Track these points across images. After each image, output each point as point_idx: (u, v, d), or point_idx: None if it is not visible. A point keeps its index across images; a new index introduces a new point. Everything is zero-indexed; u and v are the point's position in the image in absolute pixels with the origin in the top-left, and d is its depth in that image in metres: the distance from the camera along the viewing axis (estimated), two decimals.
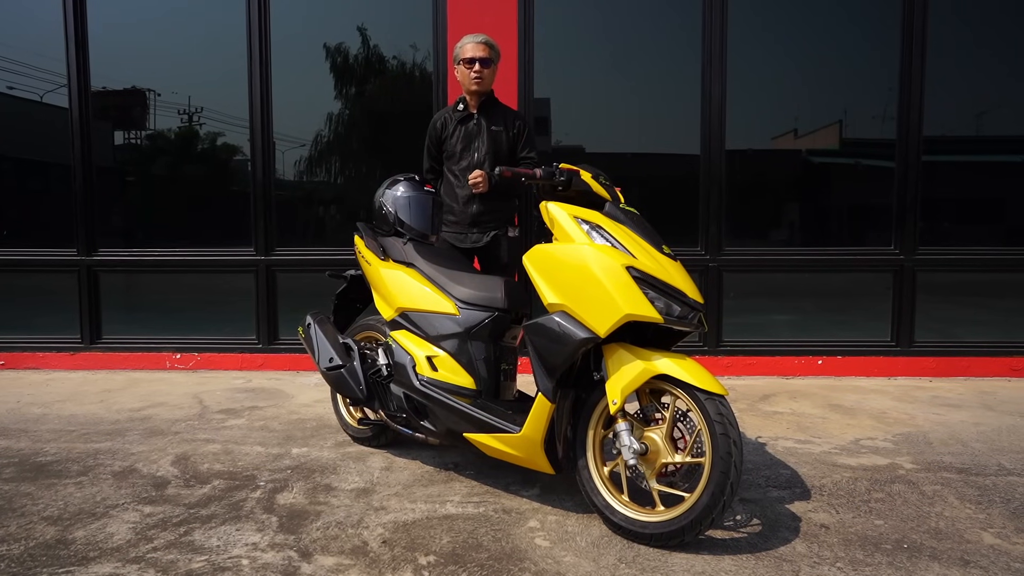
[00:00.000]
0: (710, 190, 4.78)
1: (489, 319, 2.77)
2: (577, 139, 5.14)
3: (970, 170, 5.14)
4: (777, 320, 4.95)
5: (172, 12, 5.09)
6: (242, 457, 3.11)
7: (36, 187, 5.36)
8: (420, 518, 2.48)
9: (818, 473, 2.91)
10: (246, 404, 4.04)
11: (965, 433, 3.45)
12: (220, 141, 5.24)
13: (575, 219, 2.39)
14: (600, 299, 2.25)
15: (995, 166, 5.16)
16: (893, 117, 4.76)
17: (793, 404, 4.03)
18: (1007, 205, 5.03)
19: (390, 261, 3.07)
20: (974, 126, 4.97)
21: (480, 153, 3.45)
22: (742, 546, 2.26)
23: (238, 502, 2.61)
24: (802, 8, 5.01)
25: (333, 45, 5.03)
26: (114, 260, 5.09)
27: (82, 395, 4.28)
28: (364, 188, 5.13)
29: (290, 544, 2.27)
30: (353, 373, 3.00)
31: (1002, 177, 5.09)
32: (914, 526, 2.40)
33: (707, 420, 2.16)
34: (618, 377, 2.26)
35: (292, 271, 5.01)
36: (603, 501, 2.36)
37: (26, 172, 5.39)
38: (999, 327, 4.83)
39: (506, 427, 2.50)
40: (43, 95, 5.13)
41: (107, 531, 2.37)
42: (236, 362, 4.97)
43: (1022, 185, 4.97)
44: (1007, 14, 4.85)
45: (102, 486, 2.77)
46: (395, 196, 3.20)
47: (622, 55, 4.97)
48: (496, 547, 2.25)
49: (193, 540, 2.30)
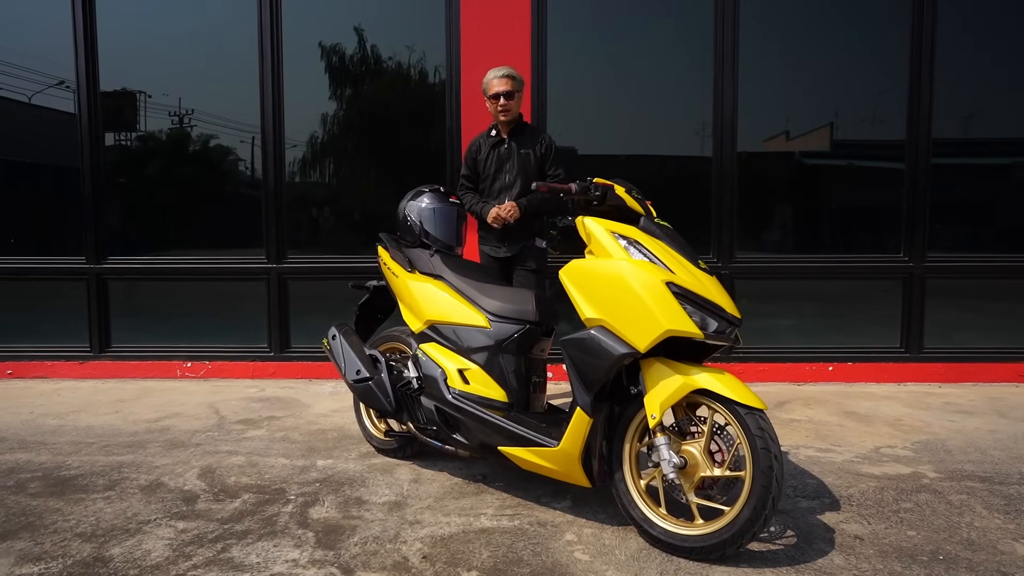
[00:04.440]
0: (723, 196, 4.82)
1: (520, 332, 2.78)
2: (580, 142, 5.11)
3: (975, 174, 5.19)
4: (786, 326, 4.98)
5: (183, 18, 5.06)
6: (268, 470, 3.10)
7: (45, 194, 5.31)
8: (457, 532, 2.48)
9: (843, 483, 2.94)
10: (263, 414, 4.02)
11: (982, 441, 3.49)
12: (230, 147, 5.22)
13: (612, 234, 2.40)
14: (640, 314, 2.26)
15: (994, 168, 5.22)
16: (903, 120, 4.79)
17: (808, 411, 4.07)
18: (1011, 209, 5.09)
19: (417, 273, 3.07)
20: (980, 129, 5.01)
21: (511, 175, 3.59)
22: (780, 559, 2.28)
23: (271, 517, 2.60)
24: (811, 9, 5.02)
25: (343, 48, 5.01)
26: (123, 268, 5.05)
27: (96, 405, 4.25)
28: (377, 195, 5.14)
29: (330, 560, 2.27)
30: (381, 385, 3.00)
31: (999, 179, 5.15)
32: (946, 537, 2.43)
33: (748, 434, 2.18)
34: (657, 391, 2.28)
35: (304, 279, 5.00)
36: (641, 514, 2.38)
37: (35, 178, 5.35)
38: (1003, 332, 4.89)
39: (543, 440, 2.51)
40: (31, 95, 5.09)
41: (144, 548, 2.35)
42: (248, 370, 4.95)
43: (1007, 189, 5.06)
44: (1012, 15, 4.89)
45: (131, 501, 2.75)
46: (420, 207, 3.21)
47: (631, 58, 4.97)
48: (537, 562, 2.26)
49: (232, 557, 2.29)
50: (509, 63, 3.75)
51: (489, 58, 4.21)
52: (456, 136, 4.83)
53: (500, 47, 4.65)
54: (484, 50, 4.65)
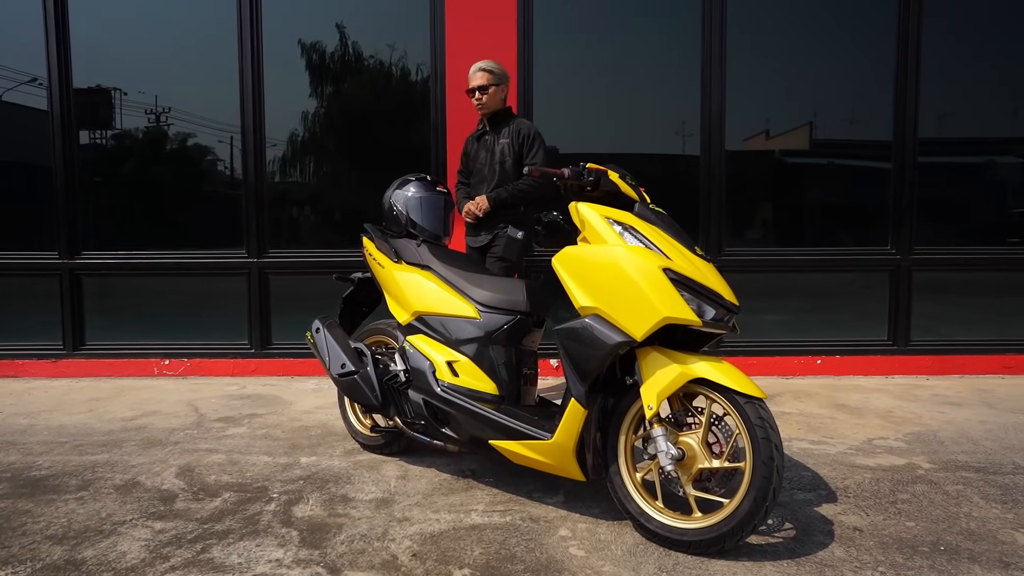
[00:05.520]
0: (711, 190, 4.78)
1: (510, 322, 2.70)
2: (567, 141, 5.06)
3: (961, 171, 5.22)
4: (774, 320, 4.96)
5: (158, 11, 4.91)
6: (249, 468, 3.00)
7: (18, 192, 5.10)
8: (447, 529, 2.40)
9: (839, 475, 2.89)
10: (244, 411, 3.91)
11: (973, 432, 3.48)
12: (209, 146, 5.08)
13: (607, 220, 2.33)
14: (636, 302, 2.20)
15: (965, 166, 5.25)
16: (889, 118, 4.80)
17: (799, 404, 4.03)
18: (990, 204, 5.13)
19: (403, 263, 2.98)
20: (967, 127, 5.04)
21: (489, 167, 3.62)
22: (780, 552, 2.22)
23: (253, 516, 2.50)
24: (797, 10, 5.02)
25: (322, 44, 4.91)
26: (98, 263, 4.90)
27: (69, 404, 4.10)
28: (360, 191, 5.03)
29: (316, 560, 2.17)
30: (367, 379, 2.90)
31: (982, 176, 5.19)
32: (946, 527, 2.39)
33: (747, 424, 2.12)
34: (654, 381, 2.21)
35: (286, 273, 4.88)
36: (637, 508, 2.31)
37: (7, 176, 5.14)
38: (988, 325, 4.90)
39: (535, 433, 2.44)
40: (1, 92, 4.93)
41: (119, 549, 2.24)
42: (228, 368, 4.82)
43: (989, 185, 5.11)
44: (998, 16, 4.92)
45: (106, 501, 2.64)
46: (406, 197, 3.12)
47: (618, 57, 4.93)
48: (531, 558, 2.18)
49: (212, 558, 2.19)
50: (495, 57, 3.70)
51: (475, 52, 4.11)
52: (441, 130, 4.74)
53: (486, 41, 4.57)
54: (470, 43, 4.56)
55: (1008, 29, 4.93)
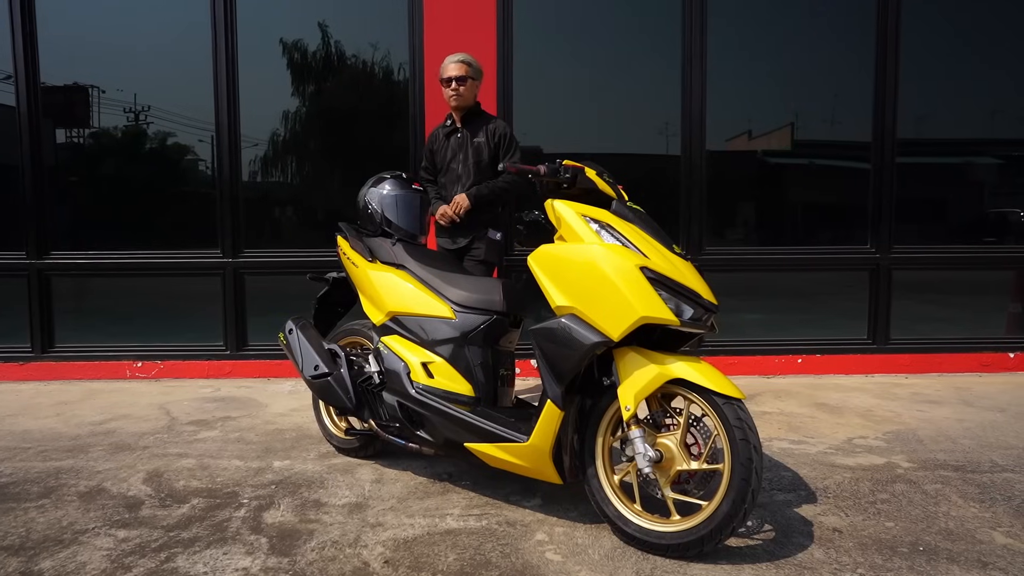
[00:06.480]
0: (691, 190, 4.76)
1: (487, 323, 2.65)
2: (547, 141, 5.01)
3: (940, 171, 5.25)
4: (754, 319, 4.95)
5: (135, 6, 4.80)
6: (220, 472, 2.92)
7: None
8: (421, 534, 2.34)
9: (819, 475, 2.87)
10: (217, 414, 3.82)
11: (952, 430, 3.48)
12: (186, 145, 4.97)
13: (584, 218, 2.29)
14: (613, 301, 2.15)
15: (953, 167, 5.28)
16: (869, 119, 4.81)
17: (780, 403, 4.02)
18: (967, 204, 5.17)
19: (378, 263, 2.92)
20: (945, 128, 5.07)
21: (464, 165, 3.52)
22: (759, 554, 2.19)
23: (222, 522, 2.43)
24: (780, 11, 5.01)
25: (300, 42, 4.82)
26: (68, 264, 4.77)
27: (36, 408, 3.99)
28: (339, 191, 4.95)
29: (284, 568, 2.11)
30: (341, 381, 2.84)
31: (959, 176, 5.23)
32: (925, 527, 2.37)
33: (726, 425, 2.08)
34: (631, 382, 2.17)
35: (262, 274, 4.79)
36: (615, 511, 2.27)
37: None
38: (965, 324, 4.93)
39: (511, 436, 2.39)
40: None
41: (78, 560, 2.16)
42: (202, 370, 4.72)
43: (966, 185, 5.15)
44: (976, 19, 4.95)
45: (68, 509, 2.55)
46: (381, 195, 3.06)
47: (601, 55, 4.90)
48: (506, 563, 2.13)
49: (177, 567, 2.11)
50: (474, 54, 3.64)
51: (454, 49, 4.05)
52: (420, 127, 4.67)
53: (465, 37, 4.51)
54: (449, 40, 4.49)
55: (986, 32, 4.96)
